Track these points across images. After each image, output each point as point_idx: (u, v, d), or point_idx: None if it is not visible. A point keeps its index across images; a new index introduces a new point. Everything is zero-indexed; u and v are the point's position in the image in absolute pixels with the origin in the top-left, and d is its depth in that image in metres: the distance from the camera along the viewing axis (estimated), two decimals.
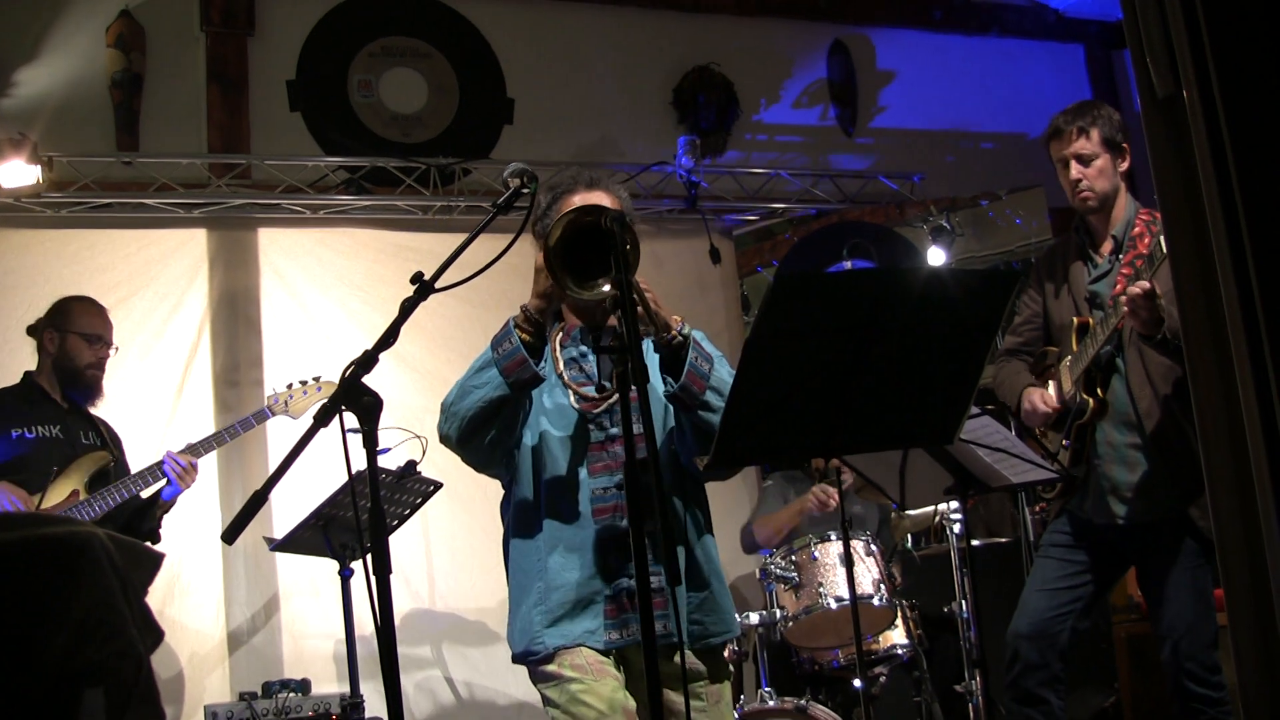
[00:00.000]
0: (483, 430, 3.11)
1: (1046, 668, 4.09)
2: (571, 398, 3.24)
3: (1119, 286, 3.98)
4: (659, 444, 3.16)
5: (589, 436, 3.20)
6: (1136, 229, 4.08)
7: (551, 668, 3.14)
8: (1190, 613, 3.95)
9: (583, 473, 3.19)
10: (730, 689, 3.35)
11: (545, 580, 3.16)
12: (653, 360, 3.16)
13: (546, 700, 3.18)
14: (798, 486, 6.30)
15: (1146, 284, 3.77)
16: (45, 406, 5.02)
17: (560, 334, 3.34)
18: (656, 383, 3.18)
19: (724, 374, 3.11)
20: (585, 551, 3.14)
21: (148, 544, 5.03)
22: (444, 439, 3.22)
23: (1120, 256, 4.09)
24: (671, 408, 3.22)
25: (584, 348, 3.29)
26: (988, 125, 8.26)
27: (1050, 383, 4.28)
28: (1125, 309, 3.84)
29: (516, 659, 3.24)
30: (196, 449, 5.07)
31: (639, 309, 2.88)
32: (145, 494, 5.01)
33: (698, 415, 3.08)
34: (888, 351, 2.81)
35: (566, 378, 3.26)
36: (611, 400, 3.17)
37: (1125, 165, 4.14)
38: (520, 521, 3.24)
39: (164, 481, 4.96)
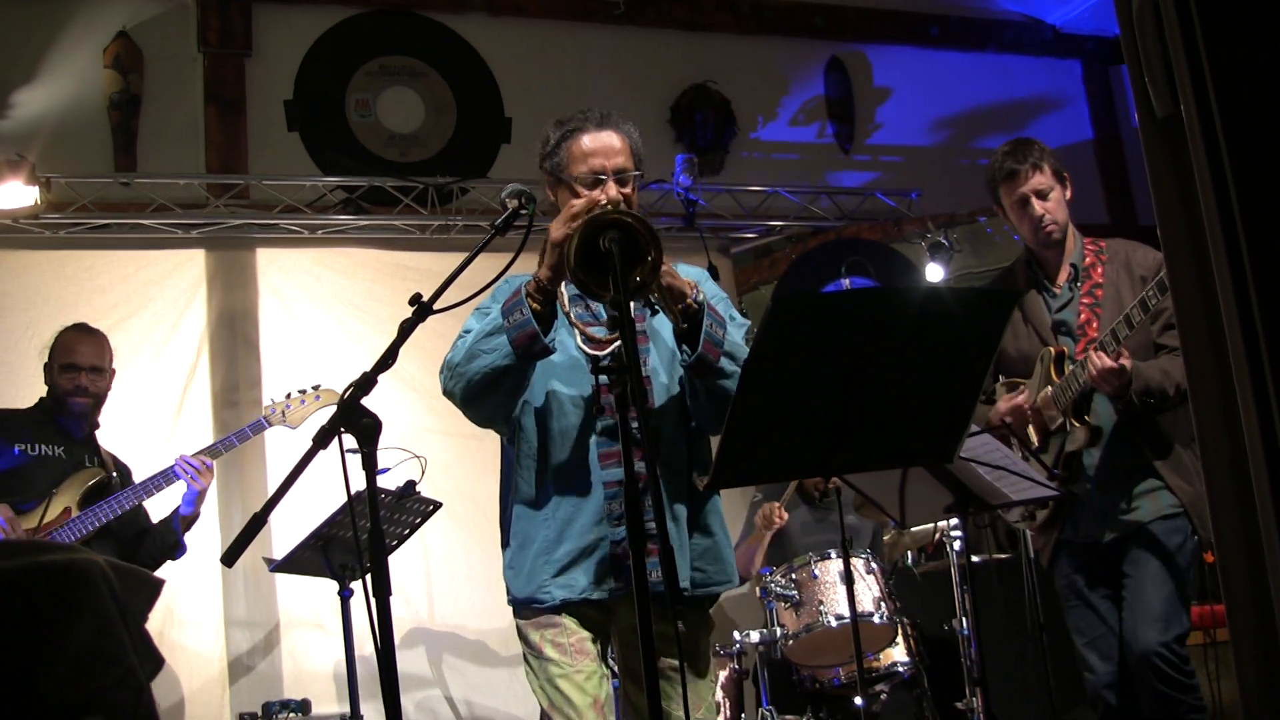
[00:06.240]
0: (489, 392, 3.08)
1: (1135, 707, 4.06)
2: (578, 337, 3.21)
3: (1083, 315, 4.07)
4: (667, 400, 3.18)
5: (595, 382, 3.14)
6: (1087, 259, 4.18)
7: (535, 638, 3.15)
8: (1164, 604, 3.94)
9: (588, 420, 3.16)
10: (709, 641, 3.32)
11: (552, 529, 3.14)
12: (664, 323, 3.18)
13: (526, 661, 3.20)
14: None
15: (1112, 363, 3.84)
16: (50, 429, 4.99)
17: None
18: (666, 336, 3.20)
19: (736, 337, 3.12)
20: (591, 499, 3.12)
21: (167, 551, 5.05)
22: (448, 395, 3.17)
23: (1079, 284, 4.17)
24: (678, 363, 3.19)
25: None
26: (985, 141, 8.27)
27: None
28: (1091, 374, 3.91)
29: (516, 603, 3.21)
30: (203, 454, 5.05)
31: (663, 282, 2.98)
32: (150, 504, 4.98)
33: (713, 382, 3.06)
34: (887, 370, 2.80)
35: (573, 316, 3.22)
36: (616, 345, 3.06)
37: (1070, 195, 4.23)
38: (525, 470, 3.20)
39: (172, 488, 4.93)
